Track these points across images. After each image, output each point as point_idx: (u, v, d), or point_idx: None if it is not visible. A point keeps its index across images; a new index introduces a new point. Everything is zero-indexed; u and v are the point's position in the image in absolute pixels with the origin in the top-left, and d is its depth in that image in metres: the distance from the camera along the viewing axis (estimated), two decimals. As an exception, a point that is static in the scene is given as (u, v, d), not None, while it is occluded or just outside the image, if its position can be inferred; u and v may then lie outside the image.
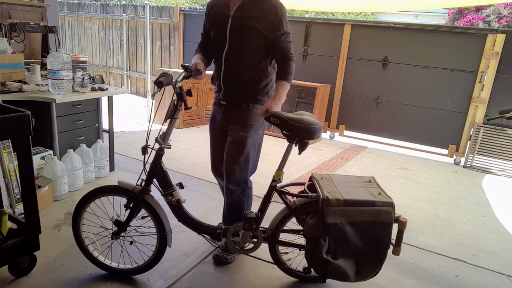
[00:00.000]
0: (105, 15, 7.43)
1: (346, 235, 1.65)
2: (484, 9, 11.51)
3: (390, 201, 1.66)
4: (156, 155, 1.80)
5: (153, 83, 1.77)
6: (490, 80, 4.43)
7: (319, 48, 5.42)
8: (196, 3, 17.17)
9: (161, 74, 1.71)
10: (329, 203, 1.63)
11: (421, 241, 2.64)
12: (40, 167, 2.74)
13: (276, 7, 1.91)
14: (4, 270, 1.87)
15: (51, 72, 2.67)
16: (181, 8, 6.62)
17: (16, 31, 3.17)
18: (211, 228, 1.92)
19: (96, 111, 3.17)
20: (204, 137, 4.90)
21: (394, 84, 5.00)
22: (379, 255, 1.70)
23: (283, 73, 1.96)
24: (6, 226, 1.84)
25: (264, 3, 1.91)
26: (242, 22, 1.91)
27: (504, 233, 2.90)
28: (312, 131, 1.79)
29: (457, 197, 3.56)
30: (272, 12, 1.90)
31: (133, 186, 1.82)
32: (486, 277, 2.28)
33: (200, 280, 2.01)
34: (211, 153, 2.27)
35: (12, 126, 1.68)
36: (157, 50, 7.03)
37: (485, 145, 4.48)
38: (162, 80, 1.69)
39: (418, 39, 4.78)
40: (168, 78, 1.70)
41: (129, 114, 5.86)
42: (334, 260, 1.68)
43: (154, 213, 1.84)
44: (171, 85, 1.73)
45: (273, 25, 1.91)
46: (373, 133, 5.27)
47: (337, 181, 1.82)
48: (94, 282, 1.93)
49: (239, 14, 1.91)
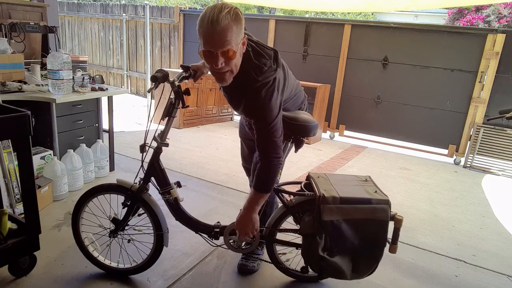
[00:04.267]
0: (105, 15, 7.43)
1: (342, 233, 1.65)
2: (484, 9, 11.52)
3: (386, 198, 1.67)
4: (154, 153, 1.80)
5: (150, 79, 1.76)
6: (490, 80, 4.43)
7: (319, 48, 5.42)
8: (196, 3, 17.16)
9: (157, 71, 1.72)
10: (325, 200, 1.64)
11: (421, 241, 2.64)
12: (40, 167, 2.74)
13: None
14: (4, 270, 1.87)
15: (51, 72, 2.67)
16: (181, 8, 6.62)
17: (16, 31, 3.17)
18: (208, 227, 1.92)
19: (96, 111, 3.17)
20: (204, 137, 4.90)
21: (394, 84, 5.00)
22: (375, 253, 1.70)
23: (254, 179, 1.68)
24: (6, 226, 1.84)
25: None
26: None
27: (504, 233, 2.90)
28: (307, 129, 1.79)
29: (457, 197, 3.56)
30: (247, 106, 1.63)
31: (130, 184, 1.83)
32: (486, 277, 2.28)
33: (200, 280, 2.01)
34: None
35: (12, 126, 1.68)
36: (157, 50, 7.03)
37: (485, 145, 4.48)
38: (156, 75, 1.67)
39: (418, 39, 4.78)
40: (163, 74, 1.69)
41: (129, 114, 5.86)
42: (330, 258, 1.69)
43: (151, 212, 1.84)
44: (169, 83, 1.73)
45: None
46: (373, 133, 5.27)
47: (333, 179, 1.83)
48: (94, 282, 1.93)
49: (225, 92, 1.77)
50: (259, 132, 1.61)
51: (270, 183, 1.65)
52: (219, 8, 1.40)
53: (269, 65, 1.56)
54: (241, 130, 2.20)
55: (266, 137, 1.59)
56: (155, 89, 1.71)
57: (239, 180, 3.46)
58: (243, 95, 1.60)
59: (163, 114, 1.75)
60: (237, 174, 3.60)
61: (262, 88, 1.53)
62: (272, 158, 1.61)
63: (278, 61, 1.59)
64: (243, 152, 2.28)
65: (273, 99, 1.55)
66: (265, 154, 1.61)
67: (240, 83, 1.57)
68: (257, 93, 1.53)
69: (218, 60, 1.45)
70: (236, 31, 1.42)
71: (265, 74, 1.54)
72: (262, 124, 1.58)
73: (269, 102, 1.54)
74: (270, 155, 1.60)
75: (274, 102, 1.55)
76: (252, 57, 1.55)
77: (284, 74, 1.70)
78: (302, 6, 6.35)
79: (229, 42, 1.42)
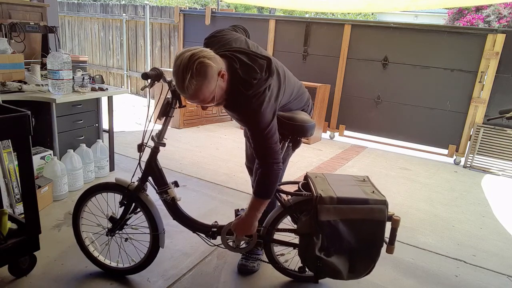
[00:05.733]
0: (105, 15, 7.43)
1: (339, 233, 1.66)
2: (484, 9, 11.52)
3: (383, 199, 1.67)
4: (152, 153, 1.81)
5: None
6: (490, 80, 4.43)
7: (319, 48, 5.42)
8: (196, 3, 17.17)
9: (151, 69, 1.71)
10: (322, 201, 1.64)
11: (421, 241, 2.64)
12: (40, 167, 2.74)
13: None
14: (4, 270, 1.87)
15: (51, 72, 2.67)
16: (181, 8, 6.62)
17: (16, 31, 3.17)
18: (206, 227, 1.92)
19: (96, 111, 3.17)
20: (204, 137, 4.90)
21: (394, 84, 5.00)
22: (372, 253, 1.70)
23: (255, 186, 1.71)
24: (6, 226, 1.84)
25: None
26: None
27: (504, 233, 2.90)
28: (304, 129, 1.79)
29: (457, 197, 3.56)
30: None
31: (128, 183, 1.83)
32: (486, 277, 2.28)
33: (200, 280, 2.01)
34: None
35: (12, 126, 1.68)
36: (157, 50, 7.03)
37: (485, 145, 4.48)
38: (148, 73, 1.66)
39: (418, 39, 4.78)
40: (156, 72, 1.68)
41: (129, 114, 5.87)
42: (327, 258, 1.69)
43: (148, 212, 1.84)
44: (166, 83, 1.73)
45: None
46: (373, 133, 5.26)
47: (331, 179, 1.83)
48: (94, 282, 1.93)
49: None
50: (254, 140, 1.64)
51: (270, 189, 1.67)
52: (182, 70, 1.43)
53: (259, 77, 1.57)
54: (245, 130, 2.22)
55: (261, 144, 1.62)
56: (150, 87, 1.72)
57: (239, 180, 3.46)
58: (237, 111, 1.65)
59: (160, 113, 1.75)
60: (237, 174, 3.60)
61: (252, 98, 1.56)
62: (271, 164, 1.63)
63: (270, 69, 1.59)
64: (247, 151, 2.28)
65: (263, 107, 1.57)
66: (263, 161, 1.64)
67: (234, 101, 1.62)
68: (249, 104, 1.57)
69: (200, 105, 1.57)
70: (206, 85, 1.47)
71: (255, 87, 1.56)
72: (256, 132, 1.61)
73: (260, 109, 1.57)
74: (269, 161, 1.62)
75: (265, 109, 1.58)
76: (241, 75, 1.56)
77: (279, 80, 1.71)
78: (302, 6, 6.35)
79: (203, 98, 1.50)
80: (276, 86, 1.67)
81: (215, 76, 1.48)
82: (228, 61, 1.57)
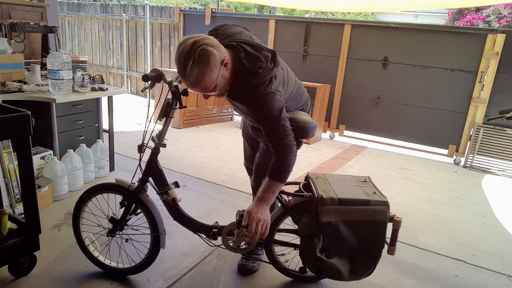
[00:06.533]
0: (105, 15, 7.43)
1: (340, 234, 1.65)
2: (484, 9, 11.52)
3: (384, 200, 1.66)
4: (152, 153, 1.81)
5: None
6: (490, 80, 4.43)
7: (319, 48, 5.42)
8: (196, 3, 17.17)
9: (151, 70, 1.71)
10: (323, 202, 1.64)
11: (421, 241, 2.64)
12: (40, 167, 2.74)
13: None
14: (4, 270, 1.87)
15: (51, 72, 2.67)
16: (181, 8, 6.62)
17: (16, 31, 3.17)
18: (206, 227, 1.91)
19: (96, 111, 3.17)
20: (204, 137, 4.90)
21: (394, 84, 5.00)
22: (373, 254, 1.70)
23: (270, 168, 1.63)
24: (6, 226, 1.84)
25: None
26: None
27: (504, 233, 2.90)
28: (306, 130, 1.79)
29: (457, 197, 3.56)
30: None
31: (128, 183, 1.83)
32: (486, 277, 2.28)
33: (200, 280, 2.01)
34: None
35: (12, 126, 1.68)
36: (157, 50, 7.03)
37: (485, 145, 4.48)
38: (148, 74, 1.66)
39: (418, 39, 4.78)
40: (157, 74, 1.67)
41: (129, 114, 5.86)
42: (328, 259, 1.68)
43: (148, 212, 1.84)
44: (167, 84, 1.73)
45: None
46: (373, 133, 5.26)
47: (332, 180, 1.82)
48: (94, 282, 1.93)
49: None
50: (267, 128, 1.59)
51: (286, 172, 1.60)
52: (184, 57, 1.42)
53: (265, 67, 1.56)
54: (244, 129, 2.21)
55: (275, 130, 1.58)
56: (151, 89, 1.71)
57: (239, 180, 3.46)
58: (243, 100, 1.62)
59: (160, 114, 1.75)
60: (237, 174, 3.60)
61: (260, 86, 1.54)
62: (286, 145, 1.57)
63: (276, 60, 1.60)
64: (245, 151, 2.28)
65: (271, 94, 1.55)
66: (278, 144, 1.58)
67: (239, 90, 1.60)
68: (256, 92, 1.54)
69: (202, 94, 1.55)
70: (208, 74, 1.46)
71: (260, 75, 1.54)
72: (268, 119, 1.57)
73: (269, 96, 1.55)
74: (283, 142, 1.57)
75: (273, 96, 1.56)
76: (246, 64, 1.55)
77: (283, 76, 1.70)
78: (302, 5, 6.36)
79: (204, 86, 1.49)
80: (280, 79, 1.66)
81: (217, 65, 1.47)
82: (233, 50, 1.55)
